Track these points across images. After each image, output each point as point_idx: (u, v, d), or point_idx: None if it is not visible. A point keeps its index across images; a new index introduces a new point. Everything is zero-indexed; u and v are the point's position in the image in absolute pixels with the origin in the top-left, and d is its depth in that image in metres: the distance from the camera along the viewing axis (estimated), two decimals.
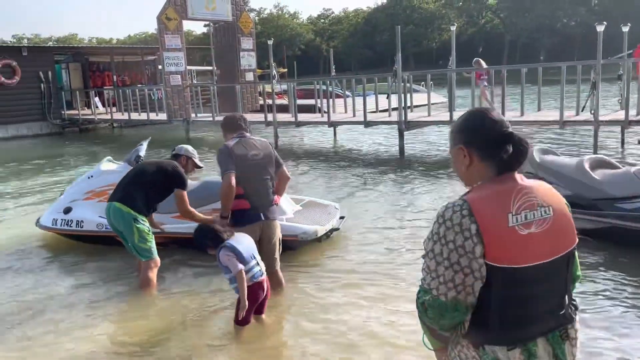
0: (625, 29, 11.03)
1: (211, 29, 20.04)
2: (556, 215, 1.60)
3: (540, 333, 1.59)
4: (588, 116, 9.98)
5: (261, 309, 3.94)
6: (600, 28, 9.31)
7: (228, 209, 4.03)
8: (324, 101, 13.65)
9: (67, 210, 6.05)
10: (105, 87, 22.58)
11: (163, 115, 17.47)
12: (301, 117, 13.66)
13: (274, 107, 13.49)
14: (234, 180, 3.96)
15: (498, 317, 1.55)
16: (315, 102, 14.69)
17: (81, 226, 5.93)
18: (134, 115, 18.51)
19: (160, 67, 18.12)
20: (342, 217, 6.07)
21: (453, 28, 14.14)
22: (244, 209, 4.06)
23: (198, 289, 4.73)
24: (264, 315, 3.97)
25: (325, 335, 3.76)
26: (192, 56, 27.15)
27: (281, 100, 17.45)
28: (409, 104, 12.03)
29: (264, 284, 3.83)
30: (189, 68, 18.73)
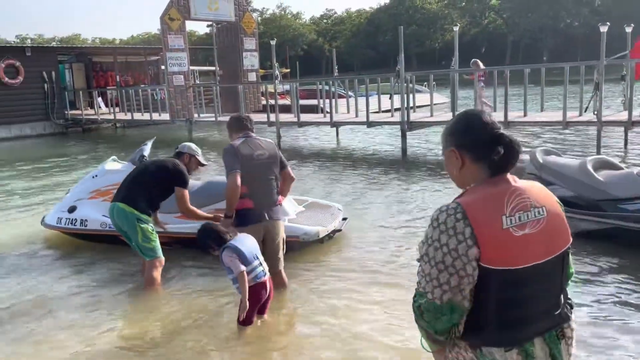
0: (628, 29, 11.03)
1: (214, 29, 20.09)
2: (550, 216, 1.60)
3: (536, 333, 1.59)
4: (591, 117, 9.96)
5: (263, 310, 3.94)
6: (603, 29, 9.29)
7: (233, 208, 4.05)
8: (326, 101, 13.64)
9: (72, 209, 6.09)
10: (109, 87, 22.58)
11: (166, 116, 17.48)
12: (304, 118, 13.67)
13: (277, 108, 13.49)
14: (239, 180, 3.98)
15: (495, 319, 1.56)
16: (317, 103, 14.68)
17: (85, 225, 5.97)
18: (137, 116, 18.56)
19: (163, 67, 18.15)
20: (345, 219, 6.08)
21: (456, 28, 14.12)
22: (248, 208, 4.08)
23: (202, 289, 4.75)
24: (266, 315, 3.98)
25: (326, 337, 3.77)
26: (195, 56, 27.18)
27: (284, 101, 17.48)
28: (411, 105, 12.04)
29: (267, 284, 3.84)
30: (191, 68, 18.74)
